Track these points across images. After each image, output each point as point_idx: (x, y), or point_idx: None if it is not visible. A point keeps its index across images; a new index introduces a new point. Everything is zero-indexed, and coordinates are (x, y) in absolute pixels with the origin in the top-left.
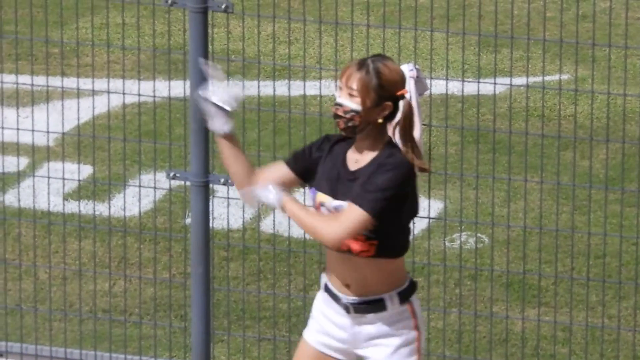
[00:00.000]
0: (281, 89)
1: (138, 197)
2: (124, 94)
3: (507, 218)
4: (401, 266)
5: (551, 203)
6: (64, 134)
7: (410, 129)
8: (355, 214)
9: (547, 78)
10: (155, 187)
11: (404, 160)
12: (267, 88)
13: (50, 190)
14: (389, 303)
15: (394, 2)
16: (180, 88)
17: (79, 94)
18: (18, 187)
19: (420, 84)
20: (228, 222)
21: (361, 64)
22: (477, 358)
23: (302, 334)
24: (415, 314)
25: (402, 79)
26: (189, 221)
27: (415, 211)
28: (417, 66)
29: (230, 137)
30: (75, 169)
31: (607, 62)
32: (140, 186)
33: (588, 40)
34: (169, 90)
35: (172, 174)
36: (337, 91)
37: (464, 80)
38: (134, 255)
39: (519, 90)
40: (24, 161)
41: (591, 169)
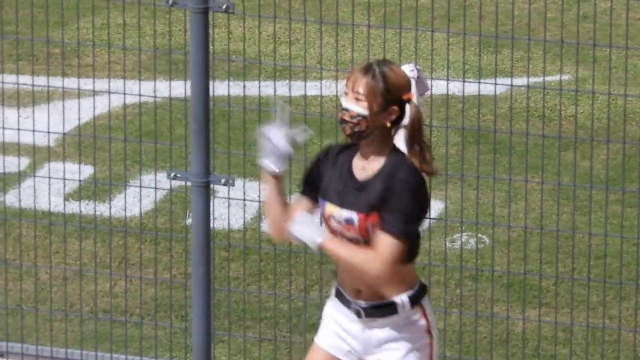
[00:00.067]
0: (282, 89)
1: (139, 198)
2: (124, 94)
3: (507, 218)
4: (412, 270)
5: (552, 203)
6: (64, 134)
7: (420, 132)
8: (390, 243)
9: (548, 78)
10: (156, 188)
11: (413, 169)
12: (268, 88)
13: (51, 190)
14: (400, 306)
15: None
16: (181, 88)
17: (79, 94)
18: (19, 187)
19: (421, 84)
20: (229, 223)
21: (367, 68)
22: (477, 358)
23: (314, 340)
24: (426, 317)
25: (407, 83)
26: (189, 221)
27: (425, 214)
28: (417, 66)
29: (279, 178)
30: (76, 169)
31: (608, 63)
32: (141, 186)
33: (589, 40)
34: (170, 90)
35: (172, 174)
36: (342, 97)
37: (464, 81)
38: (134, 255)
39: (519, 91)
40: (24, 161)
41: (592, 169)
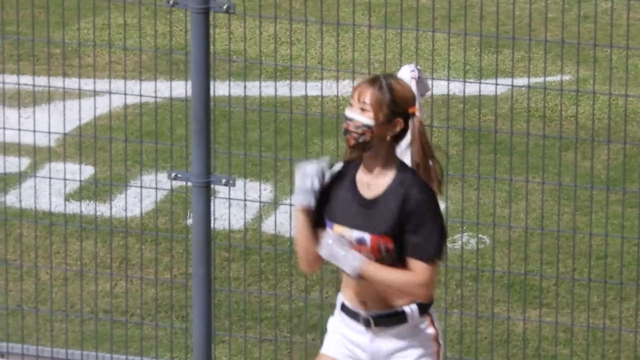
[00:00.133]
0: (283, 89)
1: (139, 198)
2: (125, 94)
3: (508, 219)
4: None
5: (552, 204)
6: (65, 134)
7: (428, 146)
8: (426, 267)
9: (549, 79)
10: (156, 188)
11: (424, 185)
12: (268, 88)
13: (51, 190)
14: (409, 315)
15: (395, 3)
16: (181, 89)
17: (80, 94)
18: (19, 187)
19: (421, 84)
20: (229, 223)
21: (373, 80)
22: (478, 359)
23: (320, 352)
24: (434, 325)
25: (413, 96)
26: (190, 222)
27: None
28: (418, 67)
29: (308, 212)
30: (77, 170)
31: (609, 63)
32: (141, 187)
33: (589, 41)
34: (171, 90)
35: (173, 174)
36: (347, 108)
37: (465, 81)
38: (135, 255)
39: (520, 91)
40: (25, 162)
41: (592, 169)
